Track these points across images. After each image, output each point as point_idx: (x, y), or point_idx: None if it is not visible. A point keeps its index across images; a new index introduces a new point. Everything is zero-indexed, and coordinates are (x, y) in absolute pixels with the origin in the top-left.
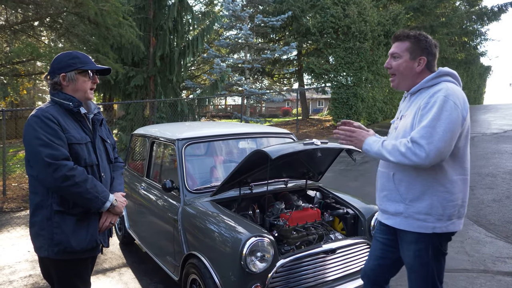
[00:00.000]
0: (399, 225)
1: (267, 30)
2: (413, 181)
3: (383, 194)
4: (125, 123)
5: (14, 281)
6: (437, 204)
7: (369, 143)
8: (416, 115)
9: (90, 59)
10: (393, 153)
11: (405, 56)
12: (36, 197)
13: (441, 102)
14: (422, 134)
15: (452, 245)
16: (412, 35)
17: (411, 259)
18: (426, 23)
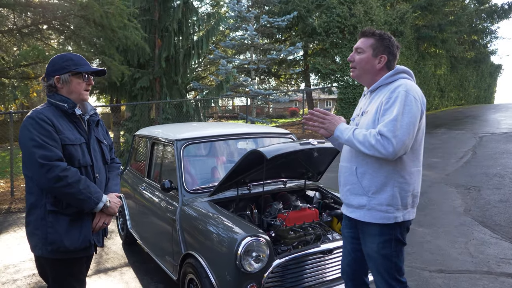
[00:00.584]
0: (363, 218)
1: (273, 30)
2: (375, 174)
3: (346, 188)
4: (131, 124)
5: (18, 280)
6: (397, 195)
7: (341, 129)
8: (378, 110)
9: (85, 61)
10: (364, 143)
11: (368, 52)
12: (31, 197)
13: (403, 96)
14: (389, 128)
15: (455, 246)
16: (378, 33)
17: (374, 252)
18: (434, 22)
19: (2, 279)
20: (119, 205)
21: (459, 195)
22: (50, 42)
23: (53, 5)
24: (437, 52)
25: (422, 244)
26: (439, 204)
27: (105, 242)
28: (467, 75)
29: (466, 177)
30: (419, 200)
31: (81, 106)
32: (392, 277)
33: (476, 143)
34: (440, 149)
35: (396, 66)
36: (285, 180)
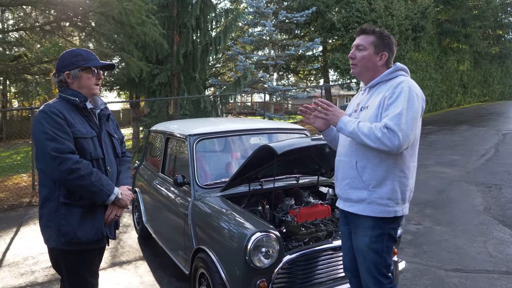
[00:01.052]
0: (362, 211)
1: (291, 26)
2: (375, 168)
3: (345, 182)
4: (150, 120)
5: (36, 271)
6: (397, 189)
7: (344, 121)
8: (380, 105)
9: (94, 56)
10: (369, 136)
11: (370, 49)
12: (44, 189)
13: (407, 92)
14: (395, 122)
15: (474, 245)
16: (378, 31)
17: (365, 246)
18: (457, 16)
19: (21, 270)
20: (131, 197)
21: (479, 193)
22: (72, 39)
23: (74, 2)
24: (460, 47)
25: (439, 242)
26: (458, 202)
27: (122, 236)
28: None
29: (487, 175)
30: (438, 198)
31: (92, 101)
32: (380, 273)
33: (499, 140)
34: (461, 146)
35: (396, 63)
36: (297, 176)
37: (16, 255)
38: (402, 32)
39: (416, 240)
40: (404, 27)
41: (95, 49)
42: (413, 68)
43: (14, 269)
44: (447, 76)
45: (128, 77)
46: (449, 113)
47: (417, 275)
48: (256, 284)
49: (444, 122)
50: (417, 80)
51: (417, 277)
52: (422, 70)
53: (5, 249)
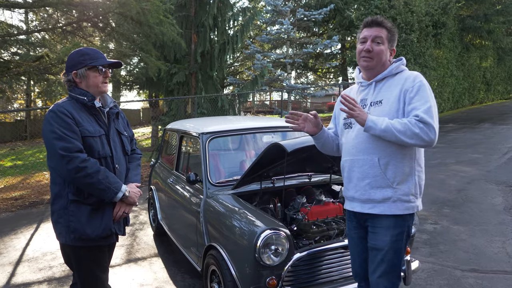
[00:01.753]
0: (388, 211)
1: (309, 24)
2: (399, 164)
3: (365, 182)
4: (168, 119)
5: (54, 266)
6: (417, 183)
7: (373, 120)
8: (400, 99)
9: (101, 55)
10: (405, 132)
11: (386, 43)
12: (55, 187)
13: (426, 85)
14: (429, 115)
15: (492, 245)
16: (390, 25)
17: (386, 245)
18: (480, 12)
19: (40, 265)
20: (139, 195)
21: (500, 193)
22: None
23: (93, 3)
24: (483, 43)
25: (456, 242)
26: (477, 202)
27: (138, 233)
28: None
29: (508, 174)
30: (456, 197)
31: (101, 99)
32: (394, 274)
33: None
34: (482, 145)
35: (401, 57)
36: (310, 174)
37: (36, 251)
38: (422, 29)
39: (433, 240)
40: (424, 23)
41: (115, 49)
42: (433, 66)
43: (33, 264)
44: (469, 73)
45: (147, 77)
46: (471, 111)
47: (432, 275)
48: (265, 281)
49: (465, 120)
50: (438, 78)
51: (432, 277)
52: (443, 67)
53: (25, 245)
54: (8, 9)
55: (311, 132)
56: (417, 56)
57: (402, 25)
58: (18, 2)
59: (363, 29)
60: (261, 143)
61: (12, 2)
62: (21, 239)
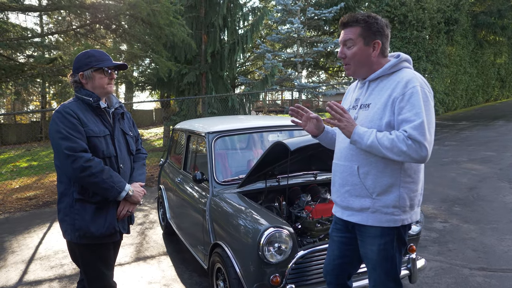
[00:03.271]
0: (366, 221)
1: (320, 23)
2: (380, 174)
3: (344, 189)
4: (179, 119)
5: (65, 264)
6: (404, 196)
7: (359, 133)
8: (387, 105)
9: (107, 56)
10: (392, 149)
11: (359, 43)
12: (61, 185)
13: (421, 93)
14: (419, 131)
15: (502, 243)
16: (362, 19)
17: (375, 254)
18: (493, 7)
19: (51, 263)
20: (143, 194)
21: None
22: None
23: (105, 6)
24: (497, 39)
25: (465, 240)
26: (488, 200)
27: (147, 232)
28: None
29: None
30: (467, 195)
31: (107, 100)
32: (391, 279)
33: None
34: (495, 142)
35: (398, 53)
36: (315, 173)
37: (48, 249)
38: (434, 26)
39: (442, 238)
40: (436, 20)
41: (127, 51)
42: (446, 63)
43: (45, 262)
44: (483, 70)
45: (158, 77)
46: (485, 108)
47: (440, 274)
48: (269, 279)
49: (479, 118)
50: (451, 75)
51: (440, 275)
52: (456, 65)
53: (38, 243)
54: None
55: (311, 133)
56: (429, 53)
57: (413, 22)
58: (32, 6)
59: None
60: (267, 142)
61: (26, 5)
62: (34, 237)
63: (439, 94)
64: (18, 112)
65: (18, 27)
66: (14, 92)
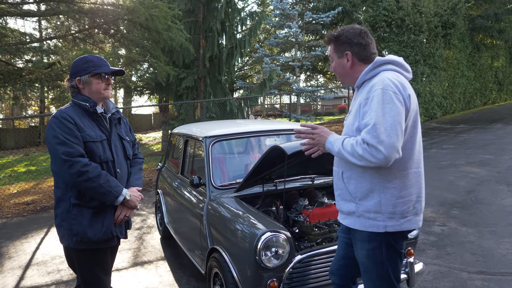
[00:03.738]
0: (353, 225)
1: (317, 27)
2: (360, 179)
3: (337, 193)
4: (178, 123)
5: (62, 270)
6: (386, 202)
7: (331, 141)
8: (358, 112)
9: (104, 62)
10: (353, 154)
11: (335, 57)
12: (58, 190)
13: (380, 95)
14: (372, 134)
15: (500, 247)
16: (332, 35)
17: (364, 258)
18: (490, 11)
19: (48, 269)
20: (140, 198)
21: (510, 194)
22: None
23: (103, 11)
24: (494, 43)
25: (463, 244)
26: (486, 203)
27: (145, 236)
28: None
29: None
30: (465, 198)
31: (103, 105)
32: (385, 284)
33: None
34: (493, 145)
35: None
36: (313, 177)
37: (45, 255)
38: (431, 30)
39: (440, 242)
40: (433, 24)
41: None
42: (444, 66)
43: (42, 268)
44: (481, 73)
45: (156, 82)
46: (483, 111)
47: (438, 277)
48: (266, 284)
49: (477, 121)
50: (448, 78)
51: (438, 279)
52: (454, 68)
53: (35, 248)
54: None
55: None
56: (426, 57)
57: (411, 26)
58: (30, 11)
59: None
60: (264, 146)
61: (25, 11)
62: (31, 243)
63: (437, 97)
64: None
65: (16, 32)
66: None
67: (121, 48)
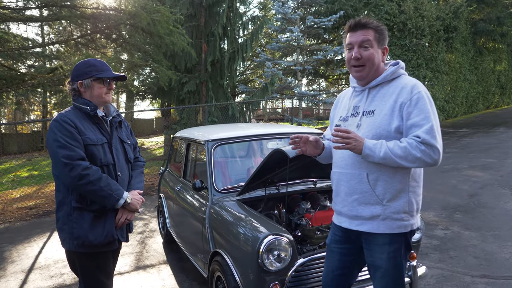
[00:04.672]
0: (377, 229)
1: (319, 31)
2: (390, 180)
3: (352, 198)
4: (180, 127)
5: (65, 274)
6: (412, 201)
7: (369, 146)
8: (394, 111)
9: (107, 67)
10: (406, 157)
11: (375, 45)
12: (59, 194)
13: (426, 98)
14: (432, 135)
15: (504, 250)
16: (375, 24)
17: (384, 262)
18: (492, 15)
19: (51, 272)
20: (141, 202)
21: None
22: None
23: (105, 15)
24: (496, 47)
25: (466, 248)
26: (490, 207)
27: (147, 240)
28: None
29: None
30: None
31: (104, 109)
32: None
33: None
34: (496, 149)
35: (398, 61)
36: (315, 180)
37: (48, 258)
38: (433, 33)
39: (443, 246)
40: (435, 28)
41: (127, 60)
42: (446, 70)
43: (45, 272)
44: (483, 77)
45: (158, 86)
46: (486, 115)
47: (441, 281)
48: (269, 287)
49: (480, 125)
50: (451, 82)
51: (441, 282)
52: (456, 72)
53: (37, 252)
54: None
55: (312, 154)
56: (428, 60)
57: (412, 30)
58: (33, 16)
59: (347, 34)
60: (266, 150)
61: (27, 16)
62: (34, 247)
63: (439, 101)
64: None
65: (19, 38)
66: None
67: (123, 53)
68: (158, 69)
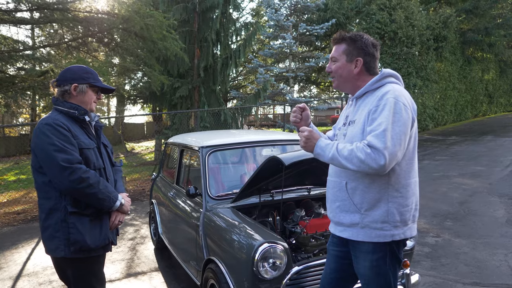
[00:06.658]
0: (356, 237)
1: (311, 38)
2: (367, 189)
3: (335, 205)
4: (171, 133)
5: (54, 281)
6: (393, 211)
7: (321, 146)
8: (366, 119)
9: (99, 78)
10: (352, 160)
11: (342, 59)
12: (49, 201)
13: (392, 104)
14: (380, 139)
15: (494, 258)
16: (348, 37)
17: (367, 270)
18: (481, 25)
19: (40, 280)
20: (130, 203)
21: (502, 205)
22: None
23: (98, 19)
24: (485, 56)
25: (457, 255)
26: (479, 214)
27: (138, 247)
28: None
29: (511, 186)
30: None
31: None
32: None
33: None
34: (485, 157)
35: (382, 69)
36: (309, 187)
37: (36, 265)
38: (423, 43)
39: (434, 253)
40: (425, 37)
41: (119, 64)
42: (435, 79)
43: (33, 279)
44: (472, 86)
45: (150, 91)
46: (474, 123)
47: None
48: None
49: (468, 133)
50: (440, 91)
51: None
52: (445, 80)
53: (25, 259)
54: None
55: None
56: (418, 69)
57: (403, 39)
58: (24, 19)
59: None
60: (260, 157)
61: (18, 18)
62: (22, 253)
63: (429, 109)
64: (8, 125)
65: (9, 40)
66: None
67: (115, 56)
68: (150, 74)
